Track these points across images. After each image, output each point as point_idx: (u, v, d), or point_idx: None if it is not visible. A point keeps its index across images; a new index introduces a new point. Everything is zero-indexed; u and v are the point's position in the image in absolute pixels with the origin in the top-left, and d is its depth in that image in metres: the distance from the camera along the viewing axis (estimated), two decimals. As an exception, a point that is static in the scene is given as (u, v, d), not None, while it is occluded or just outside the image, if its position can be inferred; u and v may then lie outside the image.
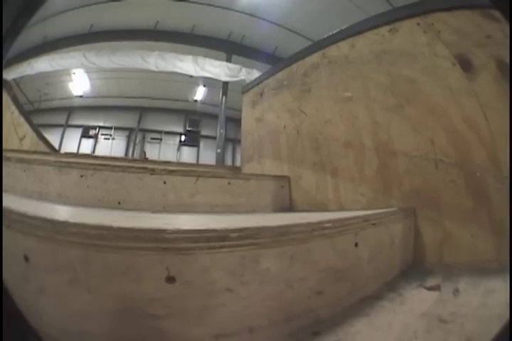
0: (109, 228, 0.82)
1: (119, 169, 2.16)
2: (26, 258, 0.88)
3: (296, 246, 1.02)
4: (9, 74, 10.77)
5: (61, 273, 0.85)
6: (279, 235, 0.98)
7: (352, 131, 2.21)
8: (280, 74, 3.09)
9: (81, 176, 2.13)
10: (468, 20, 1.68)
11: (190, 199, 2.19)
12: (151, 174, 2.15)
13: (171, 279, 0.81)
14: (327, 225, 1.13)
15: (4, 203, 0.95)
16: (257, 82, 3.53)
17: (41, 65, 11.98)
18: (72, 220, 0.86)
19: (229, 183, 2.34)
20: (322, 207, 2.32)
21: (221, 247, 0.86)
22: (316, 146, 2.48)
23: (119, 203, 2.07)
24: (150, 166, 2.40)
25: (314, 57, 2.67)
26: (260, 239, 0.93)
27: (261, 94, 3.33)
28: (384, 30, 2.09)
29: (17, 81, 12.67)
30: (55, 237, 0.85)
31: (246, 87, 3.76)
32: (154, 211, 1.94)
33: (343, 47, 2.39)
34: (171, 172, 2.22)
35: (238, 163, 4.31)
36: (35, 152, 4.45)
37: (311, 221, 1.12)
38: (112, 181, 2.11)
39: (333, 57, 2.47)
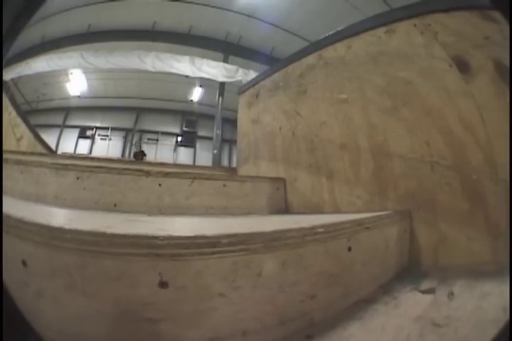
0: (104, 234, 0.83)
1: (115, 171, 2.15)
2: (24, 263, 0.89)
3: (289, 252, 1.03)
4: (7, 74, 10.77)
5: (58, 278, 0.86)
6: (271, 241, 0.98)
7: (347, 133, 2.21)
8: (276, 76, 3.09)
9: (77, 178, 2.13)
10: (466, 22, 1.67)
11: (185, 201, 2.19)
12: (147, 176, 2.15)
13: (163, 284, 0.82)
14: (320, 230, 1.13)
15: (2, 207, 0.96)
16: (253, 83, 3.53)
17: (39, 64, 11.96)
18: (67, 226, 0.86)
19: (224, 185, 2.34)
20: (317, 209, 2.32)
21: (212, 253, 0.87)
22: (312, 148, 2.48)
23: (114, 205, 2.07)
24: (146, 168, 2.40)
25: (310, 59, 2.66)
26: (252, 245, 0.93)
27: (257, 96, 3.33)
28: (381, 31, 2.08)
29: (15, 81, 12.66)
30: (51, 243, 0.86)
31: (242, 88, 3.76)
32: (150, 213, 1.94)
33: (339, 48, 2.38)
34: (166, 174, 2.22)
35: (234, 164, 4.31)
36: (32, 153, 4.45)
37: (304, 226, 1.12)
38: (108, 183, 2.11)
39: (330, 59, 2.47)
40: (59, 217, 1.46)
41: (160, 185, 2.15)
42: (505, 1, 0.88)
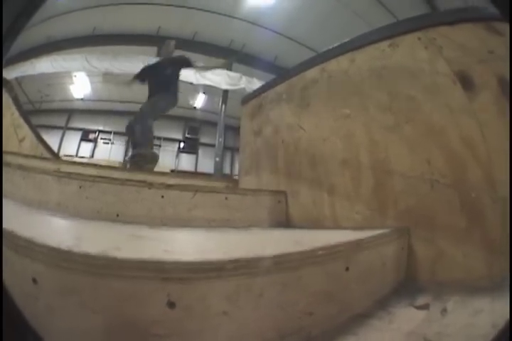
0: (114, 259, 0.87)
1: (118, 182, 2.17)
2: (35, 281, 0.92)
3: (289, 274, 1.07)
4: (11, 73, 10.74)
5: (68, 297, 0.89)
6: (272, 264, 1.03)
7: (349, 149, 2.20)
8: (279, 88, 3.08)
9: (80, 187, 2.12)
10: (472, 35, 1.69)
11: (187, 213, 2.19)
12: (149, 188, 2.16)
13: (171, 304, 0.86)
14: (320, 253, 1.17)
15: (7, 223, 0.98)
16: (256, 94, 3.51)
17: (43, 65, 11.98)
18: (76, 249, 0.90)
19: (226, 198, 2.34)
20: (318, 224, 2.32)
21: (217, 277, 0.92)
22: (314, 163, 2.47)
23: (117, 216, 2.07)
24: (148, 179, 2.41)
25: (313, 72, 2.64)
26: (254, 269, 0.98)
27: (260, 107, 3.31)
28: (384, 44, 2.07)
29: (19, 80, 12.61)
30: (61, 264, 0.90)
31: (245, 99, 3.73)
32: (152, 225, 1.93)
33: (342, 61, 2.37)
34: (168, 186, 2.24)
35: (236, 172, 4.31)
36: (34, 156, 4.46)
37: (305, 249, 1.17)
38: (110, 193, 2.11)
39: (333, 72, 2.45)
40: (65, 235, 1.47)
41: (162, 196, 2.16)
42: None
